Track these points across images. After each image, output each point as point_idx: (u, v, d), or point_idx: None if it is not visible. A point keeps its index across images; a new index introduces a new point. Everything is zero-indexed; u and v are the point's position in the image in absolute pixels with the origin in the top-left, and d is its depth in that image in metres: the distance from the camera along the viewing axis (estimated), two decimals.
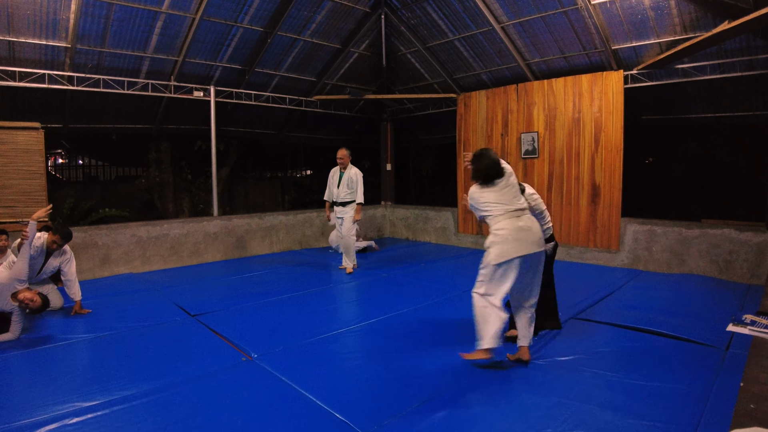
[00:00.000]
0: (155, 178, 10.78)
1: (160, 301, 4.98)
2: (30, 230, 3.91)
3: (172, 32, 6.53)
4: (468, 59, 7.91)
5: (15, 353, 3.55)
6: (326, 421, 2.56)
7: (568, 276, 6.03)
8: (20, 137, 5.95)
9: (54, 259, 4.47)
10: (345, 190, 6.34)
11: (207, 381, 3.07)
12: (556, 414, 2.59)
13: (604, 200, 6.57)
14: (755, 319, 3.82)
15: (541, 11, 6.28)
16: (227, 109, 8.56)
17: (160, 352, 3.56)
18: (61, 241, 4.36)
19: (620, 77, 6.36)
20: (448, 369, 3.19)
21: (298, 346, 3.66)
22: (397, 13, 7.92)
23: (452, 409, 2.66)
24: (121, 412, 2.66)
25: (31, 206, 6.03)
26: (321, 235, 8.83)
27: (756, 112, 6.51)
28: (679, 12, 5.49)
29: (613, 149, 6.44)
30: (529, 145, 7.31)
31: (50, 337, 3.89)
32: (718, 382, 2.92)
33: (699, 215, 7.16)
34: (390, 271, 6.40)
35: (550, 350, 3.53)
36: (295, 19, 7.17)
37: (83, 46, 6.16)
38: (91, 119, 7.80)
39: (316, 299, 5.04)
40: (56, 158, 14.59)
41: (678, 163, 10.49)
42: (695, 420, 2.50)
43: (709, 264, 5.80)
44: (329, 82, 8.99)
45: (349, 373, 3.18)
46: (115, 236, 6.40)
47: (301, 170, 16.17)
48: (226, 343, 3.76)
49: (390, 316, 4.43)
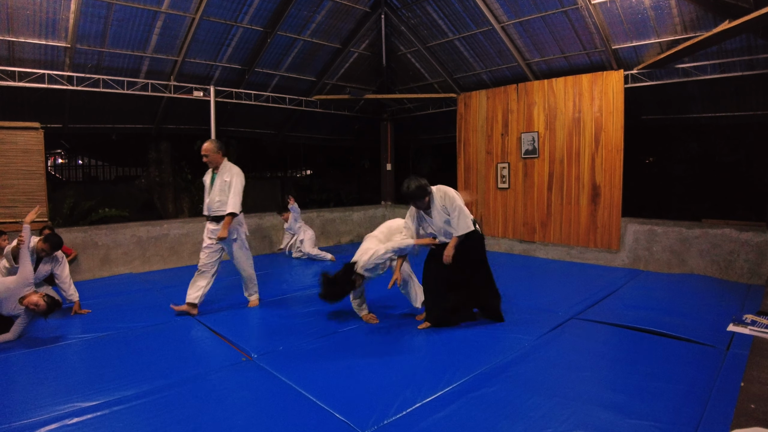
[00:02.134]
0: (155, 178, 10.78)
1: (160, 301, 4.97)
2: (25, 233, 3.92)
3: (171, 32, 6.53)
4: (468, 59, 7.91)
5: (15, 353, 3.55)
6: (326, 421, 2.55)
7: (569, 276, 6.03)
8: (20, 137, 5.94)
9: (44, 265, 4.44)
10: (217, 200, 4.41)
11: (207, 381, 3.07)
12: (556, 414, 2.59)
13: (604, 200, 6.57)
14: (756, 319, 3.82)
15: (541, 11, 6.28)
16: (227, 108, 8.56)
17: (160, 352, 3.56)
18: (50, 250, 4.34)
19: (620, 77, 6.36)
20: (447, 369, 3.19)
21: (298, 346, 3.66)
22: (397, 13, 7.92)
23: (452, 409, 2.66)
24: (121, 412, 2.65)
25: (31, 206, 6.03)
26: (321, 235, 8.82)
27: (756, 111, 6.50)
28: (679, 11, 5.49)
29: (614, 149, 6.44)
30: (530, 144, 7.30)
31: (50, 338, 3.89)
32: (719, 382, 2.91)
33: (699, 215, 7.16)
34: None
35: (550, 350, 3.52)
36: (295, 18, 7.17)
37: (83, 46, 6.16)
38: (91, 119, 7.80)
39: (316, 299, 5.03)
40: (56, 158, 14.59)
41: (678, 163, 10.49)
42: (695, 420, 2.50)
43: (710, 264, 5.79)
44: (329, 81, 8.99)
45: (349, 373, 3.17)
46: (115, 236, 6.40)
47: (301, 170, 16.17)
48: (226, 343, 3.76)
49: (390, 315, 4.42)
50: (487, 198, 7.99)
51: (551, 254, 7.24)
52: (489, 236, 8.04)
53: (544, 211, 7.24)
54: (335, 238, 9.12)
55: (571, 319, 4.23)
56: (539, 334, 3.82)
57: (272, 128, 10.13)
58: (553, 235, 7.17)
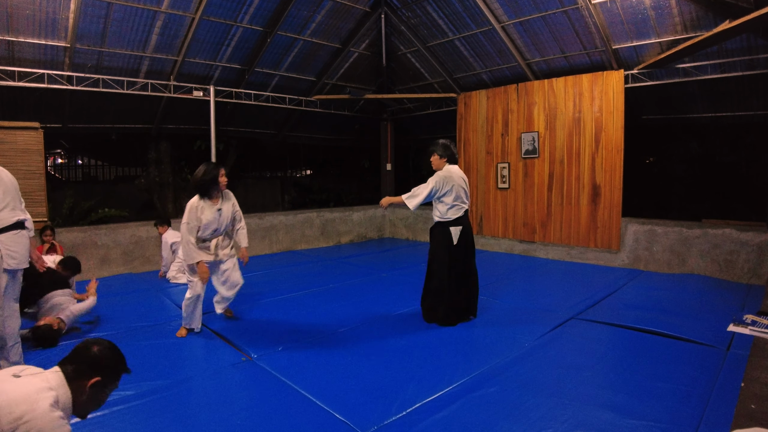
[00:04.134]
0: (155, 178, 10.77)
1: (160, 301, 4.97)
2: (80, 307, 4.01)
3: (171, 32, 6.53)
4: (468, 59, 7.91)
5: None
6: (326, 421, 2.55)
7: (569, 276, 6.03)
8: (19, 137, 5.93)
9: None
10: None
11: (207, 381, 3.07)
12: (556, 414, 2.59)
13: (604, 200, 6.57)
14: (756, 319, 3.82)
15: (541, 11, 6.28)
16: (227, 108, 8.55)
17: (160, 353, 3.55)
18: (71, 273, 4.37)
19: (621, 77, 6.35)
20: (447, 369, 3.19)
21: (298, 346, 3.66)
22: (397, 13, 7.91)
23: (452, 409, 2.65)
24: (121, 412, 2.65)
25: (31, 206, 6.02)
26: (321, 235, 8.83)
27: (757, 111, 6.51)
28: (679, 11, 5.48)
29: (614, 149, 6.44)
30: (530, 144, 7.30)
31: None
32: (719, 383, 2.90)
33: (700, 215, 7.15)
34: (390, 271, 6.39)
35: (550, 350, 3.52)
36: (295, 18, 7.16)
37: (82, 45, 6.16)
38: (91, 119, 7.79)
39: (316, 299, 5.04)
40: (55, 158, 14.57)
41: (678, 163, 10.47)
42: (696, 420, 2.49)
43: (710, 264, 5.79)
44: (329, 81, 8.99)
45: (349, 373, 3.17)
46: (114, 236, 6.39)
47: (301, 170, 16.15)
48: (226, 343, 3.76)
49: (390, 316, 4.42)
50: (487, 198, 7.99)
51: (551, 254, 7.24)
52: (489, 236, 8.04)
53: (544, 211, 7.24)
54: (335, 238, 9.11)
55: (571, 319, 4.23)
56: (539, 334, 3.82)
57: (272, 128, 10.12)
58: (553, 235, 7.16)
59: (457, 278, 4.06)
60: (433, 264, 4.16)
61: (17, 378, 1.49)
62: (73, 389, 1.56)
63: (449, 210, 4.02)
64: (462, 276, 4.09)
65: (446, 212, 4.04)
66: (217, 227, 3.88)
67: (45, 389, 1.48)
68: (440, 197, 4.03)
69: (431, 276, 4.17)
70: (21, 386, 1.46)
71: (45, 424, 1.41)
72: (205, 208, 3.81)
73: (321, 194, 13.56)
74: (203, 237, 3.89)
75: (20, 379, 1.49)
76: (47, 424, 1.42)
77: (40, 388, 1.47)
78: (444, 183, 3.98)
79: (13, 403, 1.40)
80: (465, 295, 4.15)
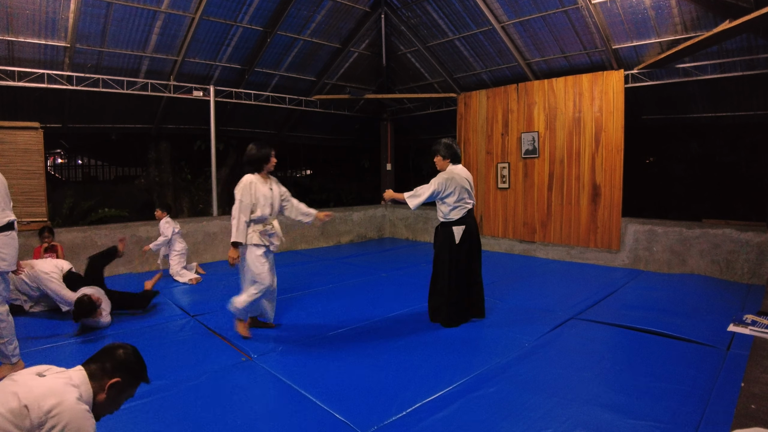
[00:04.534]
0: (155, 178, 10.76)
1: (159, 302, 4.97)
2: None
3: (171, 32, 6.53)
4: (468, 59, 7.91)
5: None
6: (326, 421, 2.55)
7: (569, 276, 6.03)
8: (19, 137, 5.94)
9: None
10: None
11: (207, 381, 3.06)
12: (556, 414, 2.59)
13: (604, 200, 6.57)
14: (756, 319, 3.82)
15: (541, 10, 6.27)
16: (227, 108, 8.55)
17: (160, 353, 3.55)
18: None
19: (621, 77, 6.35)
20: (447, 369, 3.19)
21: (298, 346, 3.66)
22: (397, 13, 7.91)
23: (452, 409, 2.65)
24: (120, 413, 2.62)
25: (31, 206, 6.03)
26: (321, 235, 8.82)
27: (757, 111, 6.50)
28: (679, 11, 5.48)
29: (614, 149, 6.44)
30: (530, 144, 7.30)
31: (49, 338, 3.89)
32: (719, 383, 2.91)
33: (699, 215, 7.15)
34: (390, 271, 6.39)
35: (550, 350, 3.52)
36: (295, 18, 7.16)
37: (82, 45, 6.15)
38: (91, 119, 7.79)
39: (315, 299, 5.04)
40: (55, 158, 14.57)
41: (678, 163, 10.47)
42: (696, 420, 2.49)
43: (710, 264, 5.79)
44: (329, 81, 8.98)
45: (350, 373, 3.17)
46: (114, 236, 6.38)
47: (301, 170, 16.15)
48: (226, 343, 3.76)
49: (390, 316, 4.42)
50: (487, 198, 7.99)
51: (551, 254, 7.24)
52: (489, 236, 8.03)
53: (544, 211, 7.24)
54: (335, 238, 9.11)
55: (571, 319, 4.23)
56: (539, 334, 3.82)
57: (272, 128, 10.12)
58: (553, 235, 7.16)
59: (460, 278, 4.07)
60: (437, 264, 4.17)
61: (42, 377, 1.55)
62: (95, 388, 1.62)
63: (452, 211, 4.05)
64: (465, 275, 4.09)
65: (449, 213, 4.06)
66: (272, 202, 3.84)
67: (70, 385, 1.54)
68: (443, 198, 4.04)
69: (436, 277, 4.19)
70: (47, 382, 1.52)
71: (73, 416, 1.47)
72: (258, 185, 3.77)
73: (321, 194, 13.56)
74: (262, 216, 3.77)
75: (45, 377, 1.55)
76: (75, 415, 1.47)
77: (66, 384, 1.54)
78: (446, 185, 3.99)
79: (41, 398, 1.45)
80: (469, 295, 4.15)
